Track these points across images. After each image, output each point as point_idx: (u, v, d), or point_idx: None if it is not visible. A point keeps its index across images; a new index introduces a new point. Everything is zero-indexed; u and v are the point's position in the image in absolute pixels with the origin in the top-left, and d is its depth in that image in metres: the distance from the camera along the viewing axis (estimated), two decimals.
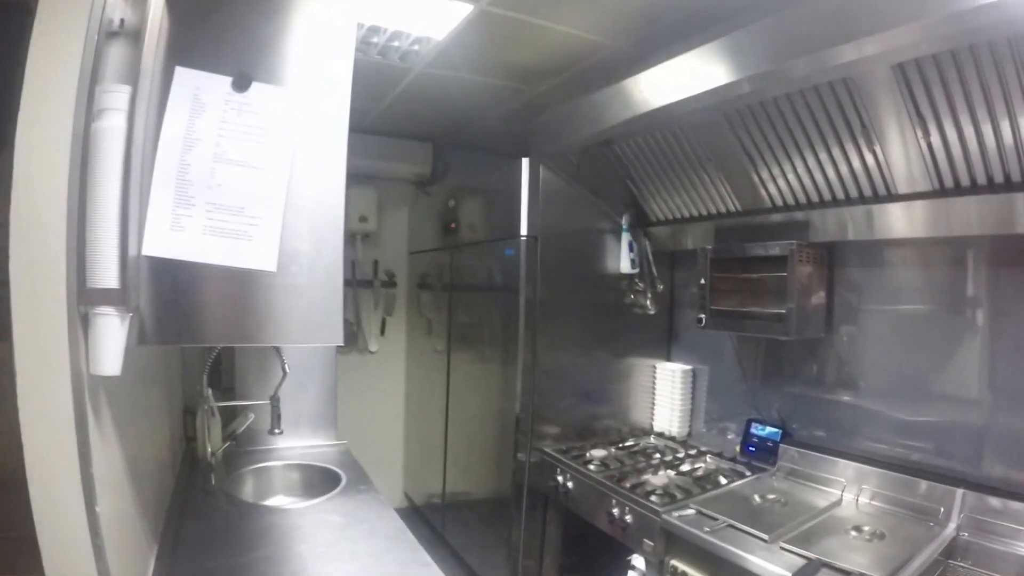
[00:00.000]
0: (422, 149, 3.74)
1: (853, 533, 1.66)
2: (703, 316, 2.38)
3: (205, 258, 0.97)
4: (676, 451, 2.55)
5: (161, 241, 0.93)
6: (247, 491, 2.01)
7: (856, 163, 1.79)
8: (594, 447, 2.58)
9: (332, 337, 1.08)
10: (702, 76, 1.78)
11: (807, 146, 1.85)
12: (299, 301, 1.04)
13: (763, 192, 2.13)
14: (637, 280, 2.84)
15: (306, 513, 1.69)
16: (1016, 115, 1.38)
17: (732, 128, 1.99)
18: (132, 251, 0.88)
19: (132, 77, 0.84)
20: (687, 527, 1.76)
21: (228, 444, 2.05)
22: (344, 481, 1.92)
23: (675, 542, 1.81)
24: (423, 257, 3.67)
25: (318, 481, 2.03)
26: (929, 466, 1.83)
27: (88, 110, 0.80)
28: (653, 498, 1.97)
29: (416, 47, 2.25)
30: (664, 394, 2.85)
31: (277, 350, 2.08)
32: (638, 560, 1.91)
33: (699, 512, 1.84)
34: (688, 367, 2.79)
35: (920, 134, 1.57)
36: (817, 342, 2.17)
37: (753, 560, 1.54)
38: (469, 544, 2.95)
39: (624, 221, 2.78)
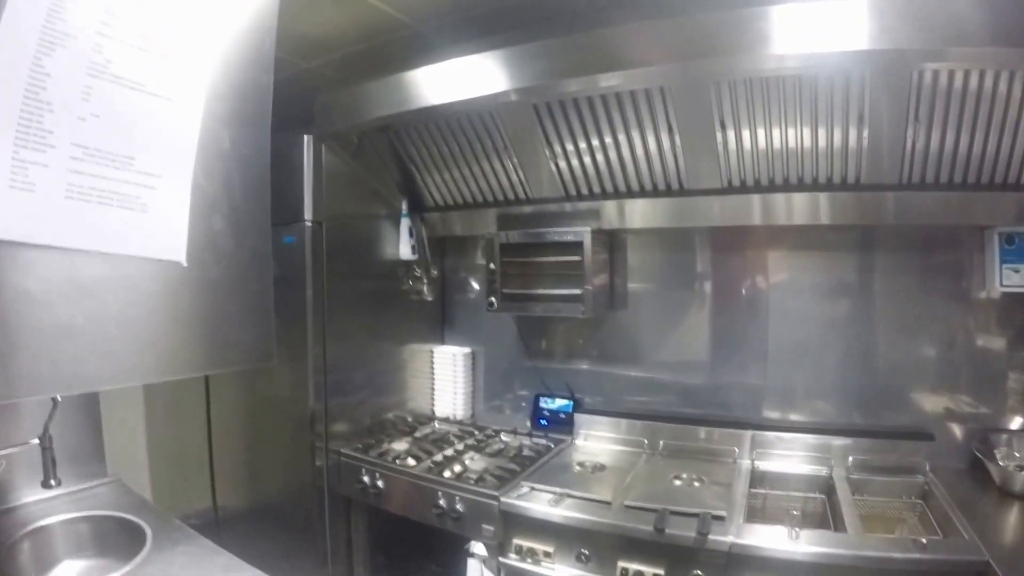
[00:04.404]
0: None
1: (676, 482, 1.94)
2: (494, 299, 2.45)
3: (69, 240, 0.59)
4: (472, 434, 2.58)
5: None
6: (24, 563, 1.33)
7: (655, 156, 2.04)
8: (390, 440, 2.46)
9: (261, 354, 0.79)
10: (475, 81, 1.93)
11: (611, 138, 2.04)
12: (217, 306, 0.72)
13: (558, 180, 2.28)
14: (415, 266, 2.79)
15: None
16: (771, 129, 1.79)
17: (539, 118, 2.08)
18: None
19: None
20: (531, 504, 1.81)
21: None
22: (150, 532, 1.40)
23: (517, 521, 1.84)
24: None
25: (113, 535, 1.48)
26: (716, 416, 2.24)
27: None
28: (481, 483, 1.97)
29: None
30: (445, 378, 2.87)
31: None
32: (477, 547, 1.88)
33: (532, 488, 1.91)
34: (467, 350, 2.85)
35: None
36: (600, 319, 2.46)
37: (609, 523, 1.67)
38: (262, 560, 2.49)
39: (404, 206, 2.69)
